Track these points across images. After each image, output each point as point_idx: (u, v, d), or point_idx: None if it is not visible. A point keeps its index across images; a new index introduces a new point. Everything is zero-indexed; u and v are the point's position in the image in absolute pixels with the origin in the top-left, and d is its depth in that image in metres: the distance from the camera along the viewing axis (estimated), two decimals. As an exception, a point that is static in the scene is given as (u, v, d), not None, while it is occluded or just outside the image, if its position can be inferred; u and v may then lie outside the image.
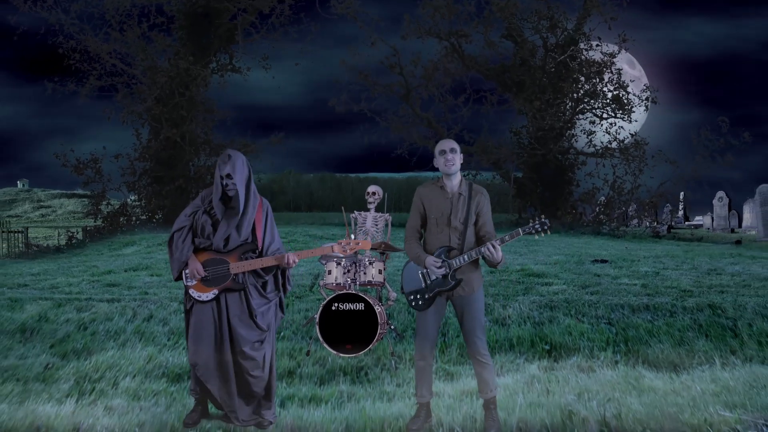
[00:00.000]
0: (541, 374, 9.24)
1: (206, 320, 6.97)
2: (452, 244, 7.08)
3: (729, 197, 33.98)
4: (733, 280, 14.92)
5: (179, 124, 25.41)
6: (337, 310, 9.58)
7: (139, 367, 9.42)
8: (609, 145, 27.10)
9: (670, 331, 11.51)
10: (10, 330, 11.51)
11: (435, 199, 7.16)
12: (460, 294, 7.12)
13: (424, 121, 26.97)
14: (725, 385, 8.78)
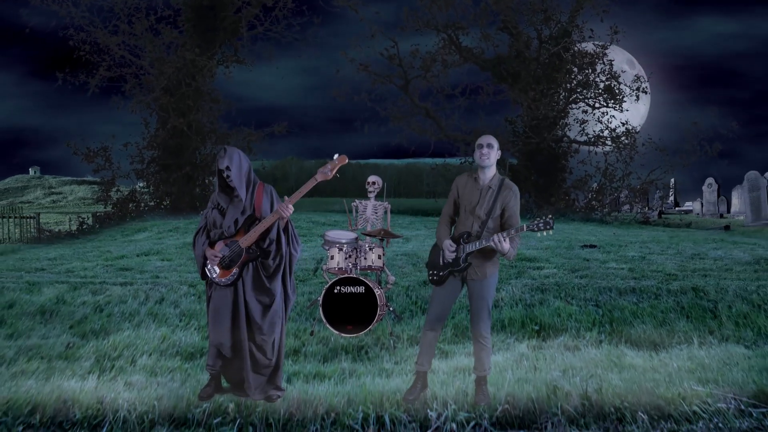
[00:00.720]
0: (529, 353, 9.67)
1: (225, 302, 7.43)
2: (473, 231, 7.54)
3: (718, 183, 34.37)
4: (716, 264, 15.33)
5: (186, 113, 25.77)
6: (339, 293, 10.00)
7: (154, 346, 9.85)
8: (601, 134, 27.45)
9: (654, 313, 11.93)
10: (30, 312, 11.92)
11: (468, 188, 7.61)
12: (473, 278, 7.57)
13: (423, 111, 27.33)
14: (700, 362, 9.22)
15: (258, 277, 7.46)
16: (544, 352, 9.71)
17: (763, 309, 12.19)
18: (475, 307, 7.60)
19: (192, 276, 13.67)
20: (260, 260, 7.43)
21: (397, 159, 32.05)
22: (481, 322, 7.57)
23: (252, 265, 7.45)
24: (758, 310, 12.14)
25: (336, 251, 10.61)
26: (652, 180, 28.18)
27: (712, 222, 31.33)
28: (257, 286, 7.45)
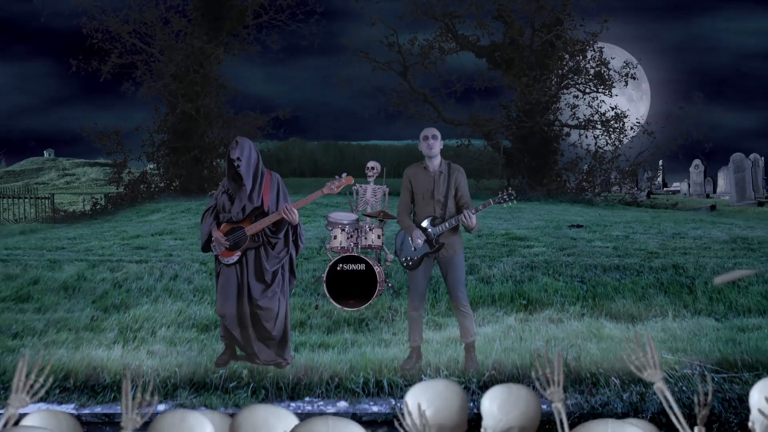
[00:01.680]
0: (516, 325, 10.24)
1: (231, 280, 8.01)
2: (436, 214, 8.12)
3: (704, 164, 34.81)
4: (695, 243, 15.83)
5: (194, 99, 26.22)
6: (341, 270, 10.55)
7: (172, 319, 10.42)
8: (591, 118, 27.93)
9: (635, 288, 12.47)
10: (54, 288, 12.46)
11: (420, 177, 8.19)
12: (444, 255, 8.16)
13: (421, 96, 27.81)
14: (673, 333, 9.80)
15: (259, 263, 8.03)
16: (530, 324, 10.28)
17: (737, 285, 12.73)
18: (452, 281, 8.18)
19: (203, 254, 14.21)
20: (267, 249, 8.00)
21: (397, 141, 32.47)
22: (459, 294, 8.17)
23: (254, 250, 8.02)
24: (732, 286, 12.67)
25: (338, 231, 11.14)
26: (640, 162, 28.70)
27: (699, 202, 31.82)
28: (258, 270, 8.03)
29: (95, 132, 27.38)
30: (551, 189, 26.52)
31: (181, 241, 15.88)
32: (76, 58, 26.99)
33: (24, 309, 11.12)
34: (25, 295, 12.01)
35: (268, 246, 7.98)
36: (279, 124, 28.16)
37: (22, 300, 11.76)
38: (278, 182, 8.11)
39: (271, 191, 8.00)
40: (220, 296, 7.99)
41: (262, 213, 7.98)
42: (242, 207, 7.98)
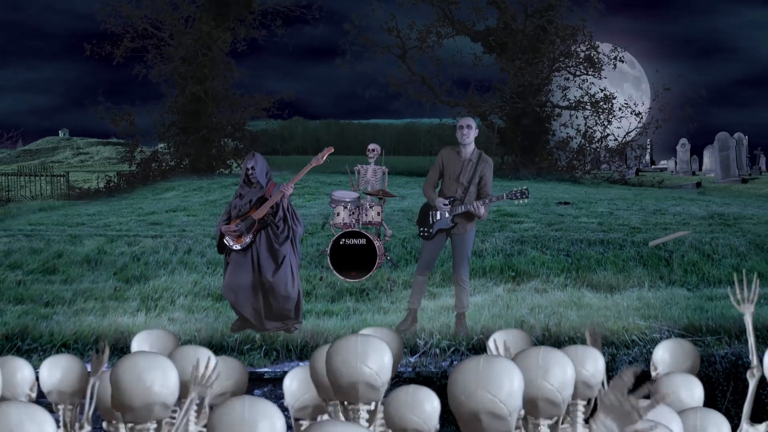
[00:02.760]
0: (504, 294, 10.85)
1: (243, 263, 8.65)
2: (457, 196, 8.74)
3: (690, 143, 35.34)
4: (675, 219, 16.40)
5: (203, 81, 26.68)
6: (344, 244, 11.15)
7: (189, 289, 11.03)
8: (581, 99, 28.42)
9: (616, 261, 13.05)
10: (77, 261, 13.05)
11: (452, 160, 8.81)
12: (456, 233, 8.80)
13: (419, 78, 28.29)
14: (647, 302, 10.42)
15: (270, 243, 8.67)
16: (517, 294, 10.89)
17: (711, 258, 13.33)
18: (458, 257, 8.82)
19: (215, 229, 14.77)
20: (272, 228, 8.65)
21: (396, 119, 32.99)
22: (461, 269, 8.81)
23: (263, 234, 8.67)
24: (706, 258, 13.28)
25: (341, 208, 11.74)
26: (627, 141, 29.24)
27: (685, 179, 32.34)
28: (269, 250, 8.68)
29: (109, 113, 27.90)
30: (543, 167, 27.06)
31: (193, 217, 16.44)
32: (90, 42, 27.47)
33: (52, 280, 11.72)
34: (51, 267, 12.60)
35: (274, 226, 8.63)
36: (283, 105, 28.71)
37: (49, 272, 12.35)
38: (280, 188, 8.80)
39: (274, 192, 8.69)
40: (231, 273, 8.61)
41: (263, 199, 8.65)
42: (249, 200, 8.67)
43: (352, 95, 28.48)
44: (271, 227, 8.61)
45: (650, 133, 29.77)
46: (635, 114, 28.60)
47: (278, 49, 29.18)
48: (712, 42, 29.71)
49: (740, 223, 16.08)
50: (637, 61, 33.81)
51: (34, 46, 29.83)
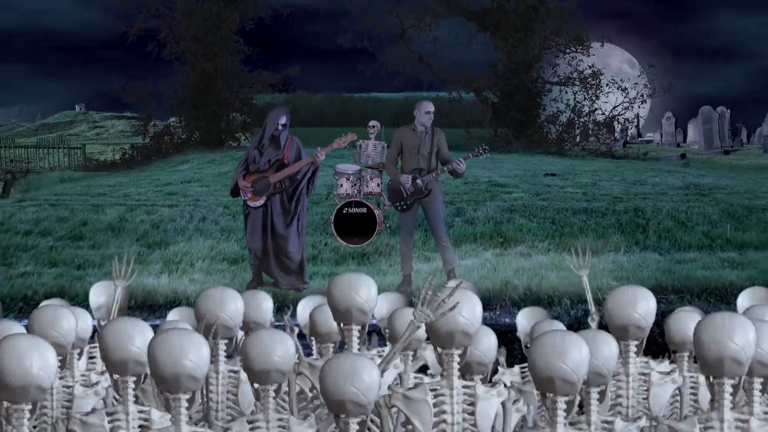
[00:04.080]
0: (492, 258, 11.52)
1: (258, 220, 9.34)
2: (421, 166, 9.44)
3: (675, 116, 35.84)
4: (654, 189, 17.00)
5: (212, 59, 27.24)
6: (346, 213, 11.79)
7: (205, 253, 11.69)
8: (570, 76, 28.97)
9: (597, 228, 13.70)
10: (101, 228, 13.68)
11: (409, 137, 9.54)
12: (427, 200, 9.51)
13: (416, 55, 28.86)
14: (621, 265, 11.08)
15: (282, 202, 9.34)
16: (504, 258, 11.56)
17: (684, 225, 13.98)
18: (433, 220, 9.60)
19: (226, 199, 15.33)
20: (285, 192, 9.31)
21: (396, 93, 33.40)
22: (439, 231, 9.60)
23: (278, 195, 9.34)
24: (680, 226, 13.92)
25: (344, 180, 12.40)
26: (614, 115, 29.84)
27: (670, 151, 32.91)
28: (282, 209, 9.35)
29: (123, 89, 28.49)
30: (534, 140, 27.67)
31: (207, 187, 17.04)
32: (105, 23, 27.98)
33: (80, 246, 12.38)
34: (78, 234, 13.26)
35: (286, 191, 9.29)
36: (288, 81, 29.28)
37: (77, 239, 13.01)
38: (297, 143, 9.40)
39: (292, 149, 9.30)
40: (249, 233, 9.32)
41: (283, 165, 9.27)
42: (268, 160, 9.28)
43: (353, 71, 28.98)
44: (285, 192, 9.25)
45: (636, 108, 30.35)
46: (622, 90, 29.18)
47: (284, 28, 29.55)
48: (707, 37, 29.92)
49: (714, 193, 16.69)
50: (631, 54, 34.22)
51: (50, 28, 30.20)
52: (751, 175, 19.90)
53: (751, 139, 35.59)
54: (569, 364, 3.30)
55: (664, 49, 29.84)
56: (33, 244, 12.36)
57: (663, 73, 28.74)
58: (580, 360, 3.31)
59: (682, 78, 29.28)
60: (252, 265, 9.58)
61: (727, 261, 11.28)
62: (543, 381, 3.33)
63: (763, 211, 14.94)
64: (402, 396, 3.54)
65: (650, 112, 31.02)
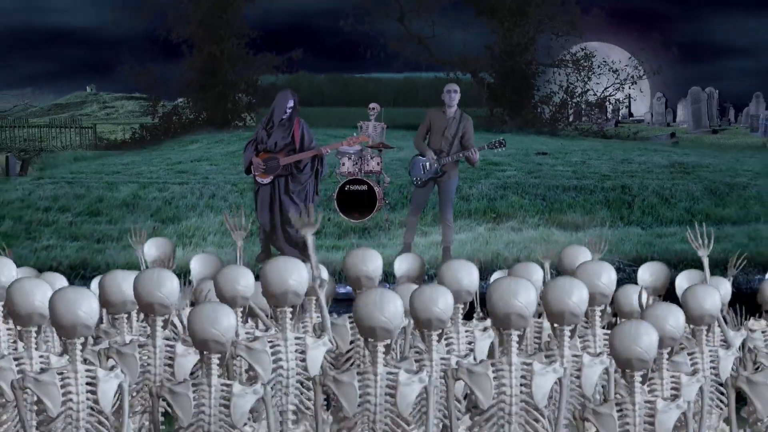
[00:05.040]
0: (485, 232, 11.98)
1: (266, 197, 9.80)
2: (443, 148, 9.89)
3: (666, 97, 36.17)
4: (640, 167, 17.43)
5: (218, 42, 27.59)
6: (348, 190, 12.24)
7: (216, 228, 12.12)
8: (563, 58, 29.34)
9: (585, 205, 14.14)
10: (116, 204, 14.11)
11: (438, 119, 10.00)
12: (442, 180, 9.98)
13: (416, 38, 29.23)
14: (605, 238, 11.48)
15: (287, 184, 9.81)
16: (496, 232, 12.01)
17: (668, 201, 14.43)
18: (443, 200, 10.03)
19: (234, 177, 15.75)
20: (294, 176, 9.77)
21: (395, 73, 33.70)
22: (447, 211, 10.04)
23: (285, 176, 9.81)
24: (664, 202, 14.37)
25: (346, 159, 12.85)
26: (605, 96, 30.23)
27: (660, 130, 33.29)
28: (288, 189, 9.82)
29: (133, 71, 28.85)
30: (528, 119, 28.07)
31: (215, 166, 17.45)
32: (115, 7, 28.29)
33: (98, 221, 12.83)
34: (96, 210, 13.70)
35: (295, 173, 9.75)
36: (292, 63, 29.64)
37: (94, 214, 13.45)
38: (303, 124, 9.84)
39: (299, 130, 9.74)
40: (259, 209, 9.81)
41: (293, 148, 9.71)
42: (275, 142, 9.72)
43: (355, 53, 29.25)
44: (293, 173, 9.70)
45: (627, 88, 30.71)
46: (613, 71, 29.55)
47: (288, 10, 29.85)
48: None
49: (698, 171, 17.11)
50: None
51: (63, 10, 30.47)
52: (734, 154, 20.32)
53: (738, 118, 35.97)
54: (522, 301, 3.93)
55: (653, 32, 29.99)
56: (53, 220, 12.80)
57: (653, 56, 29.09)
58: (530, 299, 3.95)
59: (672, 60, 29.48)
60: (261, 239, 10.04)
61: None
62: (500, 318, 3.95)
63: (744, 188, 15.38)
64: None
65: (641, 92, 31.29)
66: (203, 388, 3.87)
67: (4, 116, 33.24)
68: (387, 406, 3.95)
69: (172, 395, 3.86)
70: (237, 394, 3.84)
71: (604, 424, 3.81)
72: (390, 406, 3.95)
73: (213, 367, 3.89)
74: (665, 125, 35.57)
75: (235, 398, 3.82)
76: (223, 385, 3.88)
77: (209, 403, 3.86)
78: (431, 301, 4.15)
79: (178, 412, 3.87)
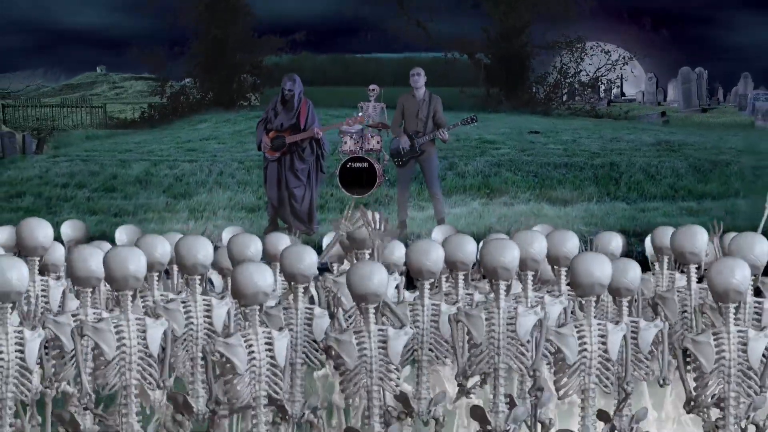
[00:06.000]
0: (479, 207, 12.39)
1: (273, 172, 10.25)
2: (419, 129, 10.30)
3: (656, 77, 36.41)
4: (628, 145, 17.76)
5: (224, 26, 27.88)
6: (350, 167, 12.57)
7: (225, 203, 12.55)
8: (557, 40, 29.54)
9: (575, 181, 14.50)
10: (130, 181, 14.49)
11: (410, 102, 10.43)
12: (423, 158, 10.39)
13: (414, 21, 29.46)
14: (592, 212, 11.96)
15: (292, 162, 10.25)
16: (489, 207, 12.42)
17: (653, 178, 14.80)
18: (428, 176, 10.52)
19: (241, 155, 16.10)
20: (299, 154, 10.22)
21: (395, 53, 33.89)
22: (433, 186, 10.51)
23: (290, 154, 10.25)
24: (650, 179, 14.73)
25: (348, 138, 13.18)
26: (598, 77, 30.49)
27: (651, 109, 33.56)
28: (294, 166, 10.26)
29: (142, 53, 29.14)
30: (523, 99, 28.39)
31: (223, 144, 17.79)
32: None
33: (114, 197, 13.24)
34: (110, 186, 14.09)
35: (299, 152, 10.19)
36: (295, 45, 29.88)
37: (109, 190, 13.85)
38: (309, 106, 10.26)
39: (305, 110, 10.19)
40: (267, 184, 10.28)
41: (299, 128, 10.14)
42: (281, 123, 10.17)
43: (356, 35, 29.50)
44: (297, 152, 10.13)
45: (618, 69, 30.99)
46: (604, 52, 29.82)
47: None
48: None
49: (683, 149, 17.44)
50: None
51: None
52: (719, 133, 20.67)
53: (727, 97, 36.23)
54: (508, 257, 4.54)
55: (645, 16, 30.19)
56: (72, 195, 13.21)
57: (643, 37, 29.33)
58: (514, 256, 4.56)
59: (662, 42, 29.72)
60: (269, 212, 10.49)
61: (686, 209, 12.15)
62: (490, 270, 4.59)
63: (726, 165, 15.73)
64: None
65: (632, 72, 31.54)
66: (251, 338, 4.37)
67: (17, 96, 33.59)
68: (380, 357, 4.46)
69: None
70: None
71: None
72: (383, 356, 4.46)
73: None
74: (656, 104, 35.86)
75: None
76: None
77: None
78: (424, 254, 4.75)
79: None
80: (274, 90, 16.40)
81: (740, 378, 4.35)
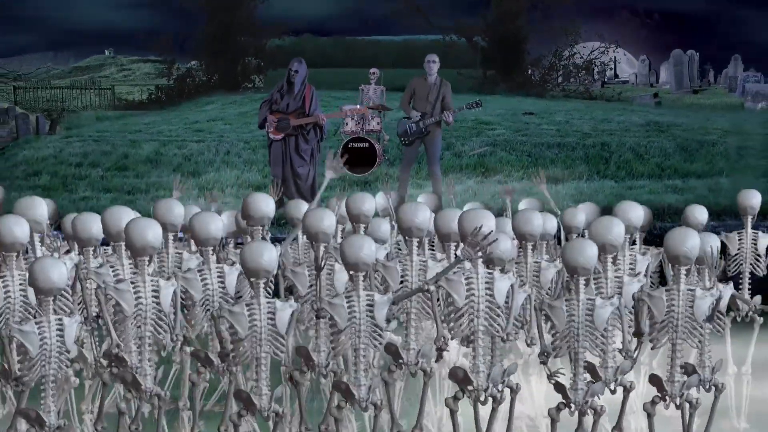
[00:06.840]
0: (474, 185, 12.75)
1: (278, 152, 10.61)
2: (426, 111, 10.68)
3: (649, 59, 36.69)
4: (619, 126, 18.06)
5: (229, 10, 28.22)
6: (351, 147, 12.97)
7: (233, 181, 12.91)
8: (552, 24, 29.87)
9: (566, 160, 14.85)
10: (141, 160, 14.84)
11: (421, 85, 10.83)
12: (428, 138, 10.77)
13: (414, 7, 29.82)
14: (581, 190, 12.29)
15: (297, 144, 10.61)
16: (483, 185, 12.78)
17: (642, 157, 15.14)
18: (430, 156, 10.88)
19: (247, 135, 16.44)
20: (303, 135, 10.59)
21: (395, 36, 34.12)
22: (434, 165, 10.88)
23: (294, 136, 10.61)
24: (638, 158, 15.07)
25: (349, 119, 13.60)
26: (592, 59, 30.84)
27: (644, 90, 33.86)
28: (299, 147, 10.63)
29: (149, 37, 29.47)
30: (519, 82, 28.73)
31: (230, 125, 18.13)
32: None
33: (126, 175, 13.60)
34: (123, 165, 14.46)
35: (304, 135, 10.56)
36: (298, 29, 30.23)
37: (121, 169, 14.22)
38: (313, 91, 10.61)
39: (309, 95, 10.53)
40: (272, 162, 10.67)
41: (303, 111, 10.49)
42: (287, 104, 10.51)
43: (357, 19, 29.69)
44: (302, 134, 10.49)
45: (611, 52, 31.31)
46: (598, 35, 30.13)
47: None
48: None
49: (672, 129, 17.74)
50: None
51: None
52: (707, 114, 20.97)
53: (718, 79, 36.51)
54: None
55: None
56: (86, 174, 13.58)
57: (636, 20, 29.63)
58: (490, 225, 4.99)
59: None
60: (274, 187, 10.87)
61: (671, 187, 12.50)
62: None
63: (713, 145, 16.07)
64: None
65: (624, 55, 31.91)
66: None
67: (28, 78, 33.91)
68: (368, 320, 4.83)
69: (231, 315, 4.67)
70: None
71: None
72: (370, 319, 4.84)
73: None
74: (649, 86, 36.17)
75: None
76: (268, 303, 4.74)
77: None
78: (412, 214, 5.30)
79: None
80: (278, 72, 16.82)
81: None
